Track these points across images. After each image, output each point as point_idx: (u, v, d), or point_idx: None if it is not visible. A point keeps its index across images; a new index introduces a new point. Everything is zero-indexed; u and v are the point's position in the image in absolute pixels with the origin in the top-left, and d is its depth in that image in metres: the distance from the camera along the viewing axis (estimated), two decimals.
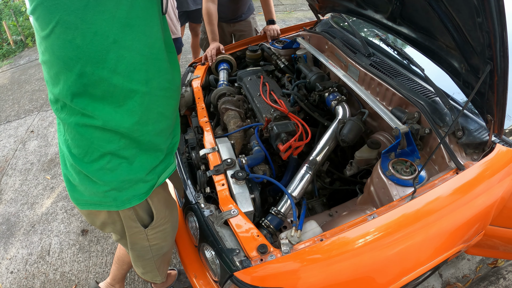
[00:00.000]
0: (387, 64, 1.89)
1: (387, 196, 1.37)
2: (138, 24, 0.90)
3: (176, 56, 1.18)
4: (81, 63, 0.89)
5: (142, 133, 1.08)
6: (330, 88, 1.99)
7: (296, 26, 2.83)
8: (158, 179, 1.24)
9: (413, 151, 1.50)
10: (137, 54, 0.94)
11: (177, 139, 1.33)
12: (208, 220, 1.43)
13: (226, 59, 2.62)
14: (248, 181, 1.64)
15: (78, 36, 0.84)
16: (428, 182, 1.34)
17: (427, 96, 1.62)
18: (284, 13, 6.93)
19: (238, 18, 3.18)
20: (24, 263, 2.91)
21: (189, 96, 2.29)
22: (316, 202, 1.83)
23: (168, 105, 1.14)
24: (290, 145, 1.71)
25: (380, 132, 1.78)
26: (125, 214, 1.25)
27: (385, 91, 1.77)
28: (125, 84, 0.96)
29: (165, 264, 1.69)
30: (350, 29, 2.22)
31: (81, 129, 1.03)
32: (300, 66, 2.30)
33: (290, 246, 1.24)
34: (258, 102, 2.07)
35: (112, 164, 1.09)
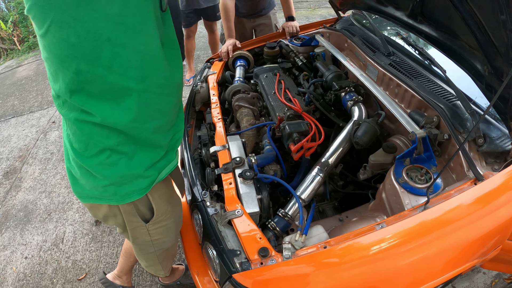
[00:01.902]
0: (407, 64, 1.81)
1: (399, 205, 1.30)
2: (133, 21, 0.90)
3: (178, 53, 1.17)
4: (76, 61, 0.90)
5: (140, 130, 1.09)
6: (346, 87, 1.92)
7: (316, 23, 2.77)
8: (159, 175, 1.25)
9: (430, 157, 1.42)
10: (132, 52, 0.94)
11: (179, 136, 1.32)
12: (212, 219, 1.41)
13: (243, 55, 2.59)
14: (257, 181, 1.60)
15: (72, 34, 0.85)
16: (444, 192, 1.26)
17: (447, 99, 1.53)
18: (308, 10, 6.82)
19: (258, 13, 3.14)
20: (38, 249, 2.98)
21: (204, 92, 2.27)
22: (328, 205, 1.77)
23: (166, 102, 1.14)
24: (302, 145, 1.66)
25: (397, 135, 1.70)
26: (125, 209, 1.28)
27: (404, 92, 1.70)
28: (121, 82, 0.97)
29: (169, 259, 1.70)
30: (371, 27, 2.14)
31: (80, 125, 1.05)
32: (317, 64, 2.24)
33: (292, 251, 1.21)
34: (272, 100, 2.03)
35: (111, 159, 1.11)
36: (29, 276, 2.78)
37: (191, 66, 4.67)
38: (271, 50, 2.55)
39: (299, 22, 2.91)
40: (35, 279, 2.75)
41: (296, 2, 7.31)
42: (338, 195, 1.81)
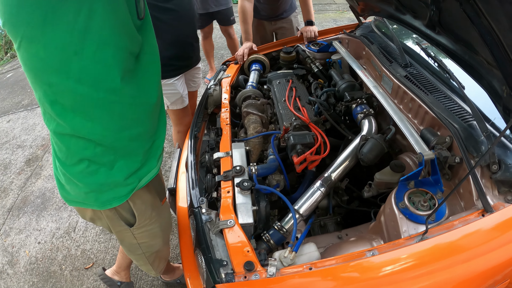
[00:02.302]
0: (424, 77, 1.70)
1: (396, 231, 1.22)
2: (99, 35, 0.92)
3: (157, 58, 1.20)
4: (47, 74, 0.94)
5: (115, 139, 1.12)
6: (358, 99, 1.84)
7: (336, 29, 2.68)
8: (139, 183, 1.28)
9: (437, 181, 1.32)
10: (101, 64, 0.96)
11: (159, 143, 1.35)
12: (205, 226, 1.39)
13: (259, 59, 2.54)
14: (256, 191, 1.57)
15: (41, 49, 0.89)
16: (447, 221, 1.17)
17: (463, 119, 1.42)
18: (337, 12, 6.65)
19: (280, 16, 3.08)
20: (51, 236, 3.06)
21: (217, 95, 2.25)
22: (330, 220, 1.70)
23: (142, 111, 1.17)
24: (305, 158, 1.60)
25: (408, 153, 1.60)
26: (107, 214, 1.32)
27: (418, 108, 1.59)
28: (91, 93, 0.99)
29: (161, 260, 1.73)
30: (390, 35, 2.04)
31: (59, 136, 1.10)
32: (332, 72, 2.16)
33: (277, 268, 1.17)
34: (282, 108, 1.97)
35: (91, 169, 1.14)
36: (40, 260, 2.86)
37: (212, 65, 4.67)
38: (288, 55, 2.49)
39: (326, 24, 2.85)
40: (45, 263, 2.83)
41: (325, 4, 7.16)
42: (342, 210, 1.74)
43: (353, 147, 1.63)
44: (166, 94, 2.49)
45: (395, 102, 1.76)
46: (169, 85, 2.45)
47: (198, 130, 2.01)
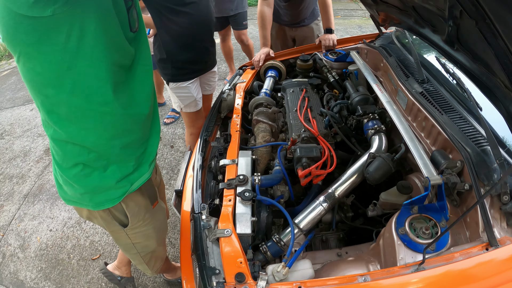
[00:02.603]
0: (440, 94, 1.63)
1: (392, 258, 1.17)
2: (91, 52, 0.98)
3: (150, 69, 1.26)
4: (43, 86, 1.01)
5: (108, 147, 1.19)
6: (370, 114, 1.79)
7: (356, 38, 2.61)
8: (131, 186, 1.34)
9: (443, 208, 1.26)
10: (93, 79, 1.02)
11: (152, 149, 1.41)
12: (203, 233, 1.39)
13: (275, 65, 2.52)
14: (258, 202, 1.55)
15: (37, 64, 0.96)
16: (447, 252, 1.12)
17: (477, 143, 1.35)
18: (363, 18, 6.50)
19: (301, 23, 3.04)
20: (63, 225, 3.13)
21: (231, 100, 2.24)
22: (332, 236, 1.67)
23: (134, 121, 1.23)
24: (310, 172, 1.57)
25: (418, 173, 1.54)
26: (101, 214, 1.39)
27: (431, 127, 1.53)
28: (84, 105, 1.06)
29: (156, 260, 1.79)
30: (409, 47, 1.98)
31: (55, 142, 1.18)
32: (346, 83, 2.12)
33: (267, 283, 1.16)
34: (292, 118, 1.95)
35: (85, 172, 1.22)
36: (50, 247, 2.94)
37: (232, 67, 4.68)
38: (304, 63, 2.45)
39: (351, 31, 2.79)
40: (54, 251, 2.91)
41: (351, 10, 7.03)
42: (345, 227, 1.70)
43: (360, 164, 1.59)
44: (180, 97, 2.50)
45: (408, 119, 1.70)
46: (183, 88, 2.46)
47: (209, 134, 2.00)
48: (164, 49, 2.28)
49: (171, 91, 2.53)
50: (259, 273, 1.22)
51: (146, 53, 1.24)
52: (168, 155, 3.75)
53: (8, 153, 4.28)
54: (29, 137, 4.51)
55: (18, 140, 4.50)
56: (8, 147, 4.39)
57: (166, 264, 2.18)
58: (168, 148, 3.85)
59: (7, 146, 4.41)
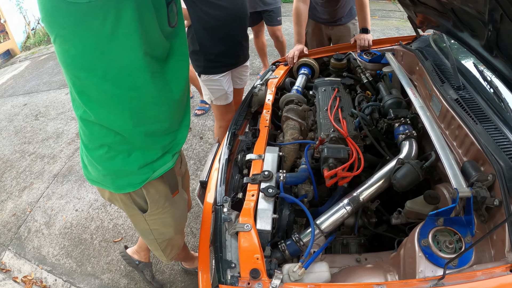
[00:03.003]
0: (475, 103, 1.57)
1: (412, 269, 1.14)
2: (125, 40, 0.99)
3: (185, 65, 1.28)
4: (76, 69, 1.03)
5: (133, 132, 1.20)
6: (402, 118, 1.74)
7: (392, 39, 2.55)
8: (153, 173, 1.35)
9: (470, 223, 1.21)
10: (125, 65, 1.04)
11: (179, 141, 1.41)
12: (222, 226, 1.40)
13: (308, 63, 2.49)
14: (281, 199, 1.55)
15: (72, 47, 0.98)
16: (470, 269, 1.07)
17: (511, 157, 1.29)
18: (401, 20, 6.31)
19: (337, 21, 2.99)
20: (88, 206, 3.23)
21: (262, 95, 2.24)
22: (353, 240, 1.64)
23: (161, 111, 1.24)
24: (336, 173, 1.55)
25: (447, 184, 1.48)
26: (121, 198, 1.42)
27: (464, 137, 1.47)
28: (114, 90, 1.08)
29: (173, 248, 1.80)
30: (446, 52, 1.91)
31: (84, 122, 1.21)
32: (380, 85, 2.07)
33: (281, 282, 1.16)
34: (322, 117, 1.92)
35: (109, 154, 1.25)
36: (75, 226, 3.05)
37: (266, 63, 4.66)
38: (338, 62, 2.41)
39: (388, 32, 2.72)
40: (78, 230, 3.01)
41: (389, 11, 6.84)
42: (368, 232, 1.67)
43: (388, 169, 1.55)
44: (211, 89, 2.51)
45: (441, 126, 1.64)
46: (214, 81, 2.47)
47: (238, 128, 2.01)
48: (198, 41, 2.30)
49: (202, 83, 2.55)
50: (275, 271, 1.22)
51: (183, 48, 1.26)
52: (196, 146, 3.79)
53: (42, 134, 4.44)
54: (63, 119, 4.66)
55: (52, 122, 4.65)
56: (42, 128, 4.55)
57: (184, 253, 2.21)
58: (197, 139, 3.89)
59: (41, 127, 4.58)
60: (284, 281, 1.20)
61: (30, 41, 8.46)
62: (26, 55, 7.89)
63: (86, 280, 2.61)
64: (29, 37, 8.58)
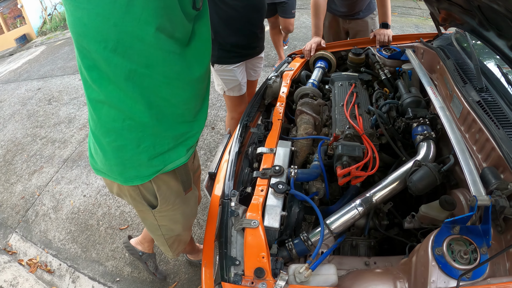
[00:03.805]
0: (498, 106, 1.49)
1: (423, 279, 1.08)
2: (141, 13, 0.94)
3: (207, 50, 1.21)
4: (87, 40, 0.97)
5: (144, 115, 1.12)
6: (421, 118, 1.68)
7: (413, 36, 2.46)
8: (165, 167, 1.28)
9: (486, 233, 1.14)
10: (137, 41, 0.98)
11: (194, 134, 1.33)
12: (229, 220, 1.37)
13: (325, 56, 2.43)
14: (291, 196, 1.50)
15: (85, 15, 0.92)
16: (483, 283, 1.02)
17: None
18: (420, 18, 6.16)
19: (355, 15, 2.91)
20: (96, 192, 3.23)
21: (276, 87, 2.20)
22: (363, 242, 1.59)
23: (175, 94, 1.16)
24: (350, 172, 1.50)
25: (464, 190, 1.41)
26: (130, 192, 1.35)
27: (485, 141, 1.40)
28: (125, 64, 1.01)
29: (179, 244, 1.76)
30: (470, 51, 1.83)
31: (92, 103, 1.13)
32: (398, 83, 2.00)
33: (286, 283, 1.12)
34: (338, 113, 1.87)
35: (118, 143, 1.17)
36: (82, 212, 3.06)
37: (282, 55, 4.60)
38: (356, 56, 2.34)
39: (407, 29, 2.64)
40: (85, 216, 3.02)
41: (409, 8, 6.68)
42: (378, 235, 1.61)
43: (403, 171, 1.49)
44: (224, 79, 2.48)
45: (461, 129, 1.57)
46: (228, 71, 2.43)
47: (250, 120, 1.96)
48: (213, 29, 2.26)
49: (215, 73, 2.51)
50: (280, 271, 1.19)
51: (206, 33, 1.20)
52: (208, 136, 3.76)
53: (54, 118, 4.45)
54: (75, 105, 4.67)
55: (65, 107, 4.67)
56: (54, 113, 4.57)
57: (190, 245, 2.19)
58: (209, 129, 3.86)
59: (53, 112, 4.60)
60: (289, 282, 1.17)
61: (46, 26, 8.53)
62: (42, 40, 7.96)
63: (90, 266, 2.62)
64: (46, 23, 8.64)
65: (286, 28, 4.02)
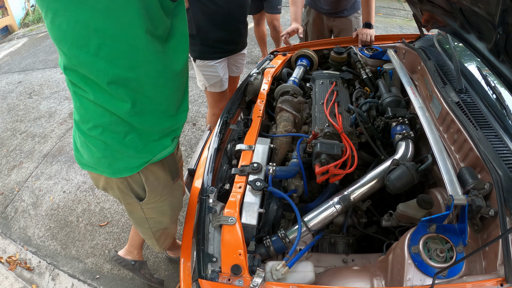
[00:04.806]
0: (477, 107, 1.51)
1: (399, 277, 1.09)
2: (120, 16, 0.93)
3: (185, 45, 1.21)
4: (67, 46, 0.96)
5: (130, 114, 1.12)
6: (400, 117, 1.69)
7: (395, 36, 2.48)
8: (152, 158, 1.29)
9: (463, 231, 1.16)
10: (120, 43, 0.98)
11: (177, 126, 1.35)
12: (206, 217, 1.36)
13: (307, 54, 2.43)
14: (269, 194, 1.50)
15: (64, 22, 0.91)
16: (459, 281, 1.03)
17: (510, 167, 1.23)
18: (405, 19, 6.20)
19: (339, 13, 2.91)
20: (76, 188, 3.18)
21: (257, 84, 2.18)
22: (341, 240, 1.59)
23: (159, 92, 1.17)
24: (328, 170, 1.50)
25: (442, 189, 1.42)
26: (118, 185, 1.34)
27: (463, 142, 1.41)
28: (108, 69, 1.01)
29: (167, 237, 1.75)
30: (450, 53, 1.85)
31: (79, 98, 1.12)
32: (379, 82, 2.01)
33: (263, 280, 1.12)
34: (317, 111, 1.86)
35: (104, 136, 1.16)
36: (61, 208, 3.00)
37: (265, 52, 4.58)
38: (338, 55, 2.35)
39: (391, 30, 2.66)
40: (65, 212, 2.96)
41: (393, 9, 6.73)
42: (357, 232, 1.62)
43: (381, 169, 1.50)
44: (206, 75, 2.46)
45: (440, 129, 1.59)
46: (210, 67, 2.41)
47: (230, 117, 1.95)
48: (195, 25, 2.23)
49: (196, 68, 2.49)
50: (257, 268, 1.18)
51: (183, 28, 1.19)
52: (189, 132, 3.73)
53: (34, 112, 4.36)
54: (56, 99, 4.58)
55: (45, 101, 4.58)
56: (34, 107, 4.48)
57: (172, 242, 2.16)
58: (190, 125, 3.82)
59: (34, 106, 4.50)
60: (266, 279, 1.17)
61: (29, 18, 8.34)
62: (24, 32, 7.79)
63: (70, 263, 2.58)
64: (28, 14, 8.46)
65: (271, 24, 4.01)
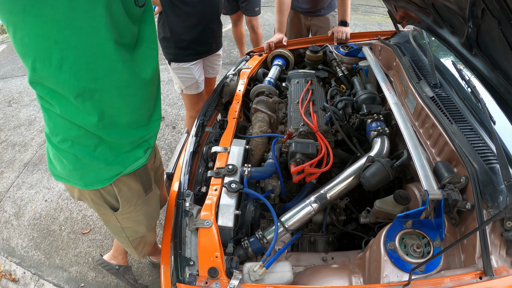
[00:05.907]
0: (452, 101, 1.51)
1: (376, 274, 1.08)
2: (80, 26, 0.90)
3: (154, 52, 1.17)
4: (31, 60, 0.93)
5: (98, 127, 1.09)
6: (375, 114, 1.68)
7: (371, 33, 2.49)
8: (124, 170, 1.26)
9: (439, 226, 1.16)
10: (83, 54, 0.95)
11: (150, 136, 1.31)
12: (183, 221, 1.35)
13: (283, 54, 2.42)
14: (246, 195, 1.48)
15: (25, 36, 0.89)
16: (437, 275, 1.02)
17: (485, 160, 1.23)
18: (383, 16, 6.19)
19: (317, 12, 2.91)
20: (58, 196, 3.13)
21: (234, 86, 2.17)
22: (321, 238, 1.59)
23: (127, 102, 1.13)
24: (303, 169, 1.49)
25: (419, 184, 1.42)
26: (91, 196, 1.32)
27: (438, 136, 1.41)
28: (72, 82, 0.97)
29: (145, 245, 1.74)
30: (425, 49, 1.86)
31: (47, 111, 1.10)
32: (354, 79, 2.01)
33: (240, 282, 1.12)
34: (293, 110, 1.86)
35: (74, 149, 1.14)
36: (44, 217, 2.95)
37: (243, 53, 4.54)
38: (314, 54, 2.35)
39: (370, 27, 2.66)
40: (47, 221, 2.91)
41: (372, 7, 6.75)
42: (336, 230, 1.62)
43: (357, 166, 1.49)
44: (181, 78, 2.44)
45: (415, 124, 1.59)
46: (185, 69, 2.39)
47: (207, 119, 1.93)
48: (169, 27, 2.21)
49: (172, 71, 2.47)
50: (234, 270, 1.18)
51: (152, 34, 1.16)
52: (169, 135, 3.70)
53: (14, 120, 4.28)
54: (36, 106, 4.50)
55: (25, 108, 4.49)
56: (14, 115, 4.39)
57: (153, 247, 2.14)
58: (170, 128, 3.79)
59: (13, 114, 4.41)
60: (243, 281, 1.16)
61: None
62: (3, 38, 7.63)
63: (54, 273, 2.54)
64: None
65: (250, 24, 3.96)
